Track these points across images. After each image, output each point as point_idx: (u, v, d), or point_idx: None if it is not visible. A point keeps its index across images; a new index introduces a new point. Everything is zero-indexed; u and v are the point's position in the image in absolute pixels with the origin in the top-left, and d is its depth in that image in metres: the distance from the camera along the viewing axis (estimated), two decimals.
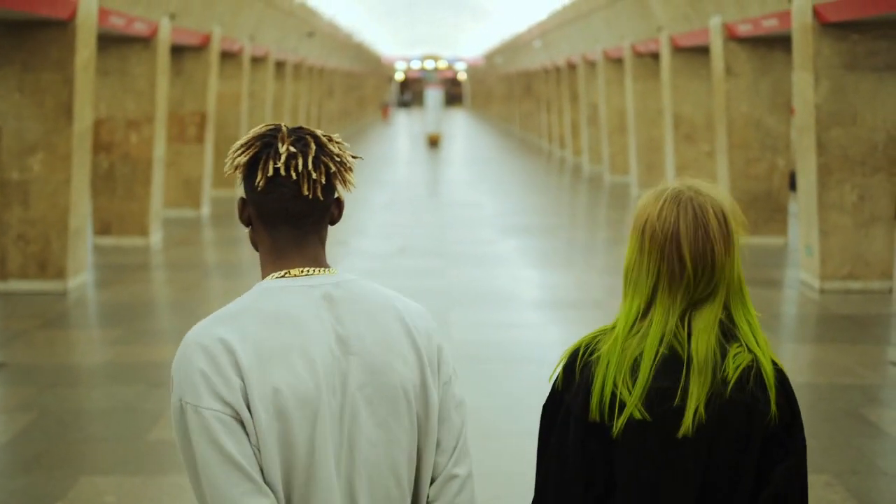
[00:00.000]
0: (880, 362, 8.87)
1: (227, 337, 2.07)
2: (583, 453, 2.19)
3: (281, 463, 2.05)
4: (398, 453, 2.14)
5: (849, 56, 11.59)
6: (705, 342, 2.15)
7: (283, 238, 2.15)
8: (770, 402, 2.17)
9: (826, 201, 11.74)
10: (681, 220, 2.19)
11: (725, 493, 2.16)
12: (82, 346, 9.59)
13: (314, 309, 2.11)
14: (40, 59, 11.38)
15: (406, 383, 2.15)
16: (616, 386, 2.15)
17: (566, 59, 32.06)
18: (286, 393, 2.04)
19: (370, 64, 66.47)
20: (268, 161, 2.08)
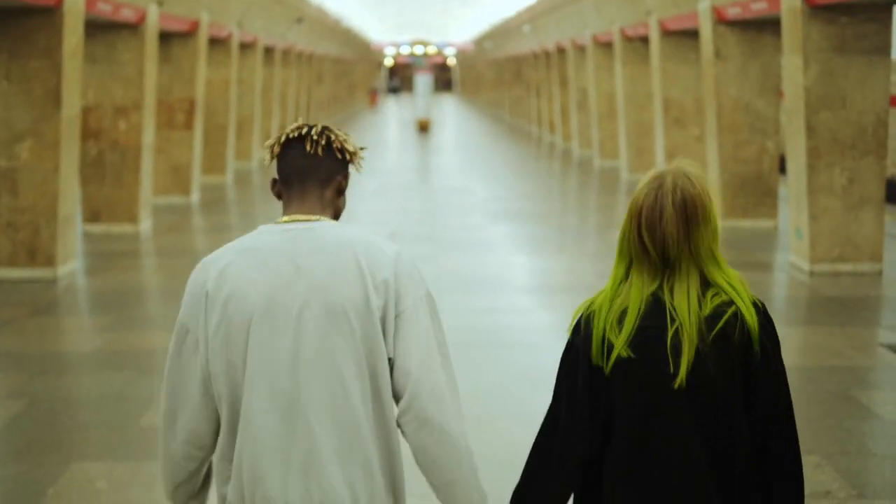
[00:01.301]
0: (870, 344, 8.90)
1: (208, 265, 2.66)
2: (589, 387, 2.57)
3: (225, 363, 2.58)
4: (340, 359, 2.55)
5: (838, 39, 11.59)
6: (685, 305, 2.50)
7: (292, 193, 2.71)
8: (754, 343, 2.51)
9: (815, 184, 11.76)
10: (644, 203, 2.57)
11: (717, 418, 2.50)
12: (72, 333, 9.58)
13: (280, 244, 2.61)
14: (28, 46, 11.34)
15: (346, 303, 2.56)
16: (605, 332, 2.55)
17: (556, 44, 32.03)
18: (231, 309, 2.57)
19: (359, 50, 66.33)
20: (285, 135, 2.72)
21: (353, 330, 2.56)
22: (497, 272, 11.96)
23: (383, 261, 2.63)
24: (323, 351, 2.55)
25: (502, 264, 12.50)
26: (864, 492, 5.71)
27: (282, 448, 2.55)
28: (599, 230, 15.78)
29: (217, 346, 2.59)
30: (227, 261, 2.63)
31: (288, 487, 2.55)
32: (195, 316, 2.63)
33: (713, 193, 11.25)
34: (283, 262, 2.59)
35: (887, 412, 7.09)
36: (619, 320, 2.55)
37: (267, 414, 2.55)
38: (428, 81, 41.60)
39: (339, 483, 2.55)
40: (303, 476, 2.55)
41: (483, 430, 6.69)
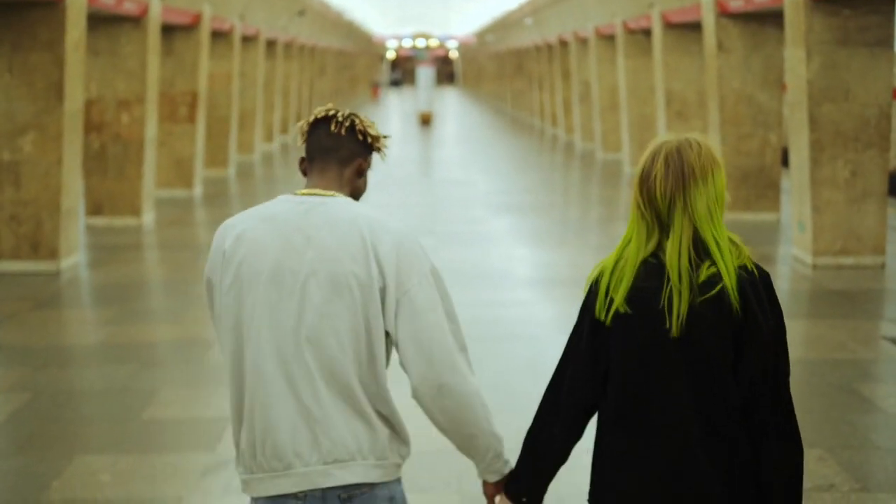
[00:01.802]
0: (873, 337, 8.90)
1: (229, 227, 2.89)
2: (592, 340, 2.78)
3: (234, 318, 2.82)
4: (339, 323, 2.77)
5: (840, 31, 11.57)
6: (675, 254, 2.67)
7: (314, 169, 2.94)
8: (733, 301, 2.65)
9: (818, 177, 11.75)
10: (644, 165, 2.77)
11: (708, 375, 2.67)
12: (75, 326, 9.59)
13: (294, 215, 2.83)
14: (30, 39, 11.34)
15: (349, 275, 2.77)
16: (609, 289, 2.73)
17: (558, 37, 31.99)
18: (244, 270, 2.80)
19: (361, 43, 66.31)
20: (314, 115, 2.94)
21: (354, 299, 2.78)
22: (499, 265, 11.96)
23: (387, 239, 2.81)
24: (325, 316, 2.77)
25: (504, 257, 12.50)
26: (867, 485, 5.72)
27: (289, 402, 2.77)
28: (602, 223, 15.77)
29: (229, 302, 2.84)
30: (245, 226, 2.85)
31: (296, 438, 2.77)
32: (215, 272, 2.89)
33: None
34: (295, 231, 2.81)
35: (890, 405, 7.09)
36: (620, 278, 2.73)
37: (274, 370, 2.78)
38: (430, 74, 41.57)
39: (345, 433, 2.78)
40: (308, 427, 2.77)
41: None
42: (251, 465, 2.83)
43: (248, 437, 2.83)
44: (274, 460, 2.79)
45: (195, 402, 7.18)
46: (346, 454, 2.79)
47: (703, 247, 2.70)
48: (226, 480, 5.78)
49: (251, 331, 2.80)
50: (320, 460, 2.78)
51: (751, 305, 2.67)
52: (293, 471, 2.78)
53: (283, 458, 2.78)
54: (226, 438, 6.39)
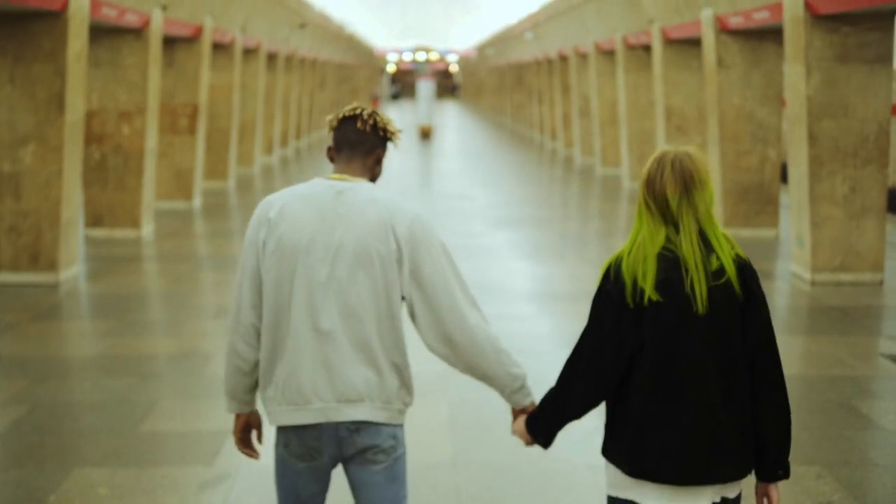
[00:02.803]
0: (871, 354, 8.90)
1: (273, 201, 3.46)
2: (618, 325, 3.21)
3: (276, 278, 3.38)
4: (361, 288, 3.35)
5: (840, 48, 11.61)
6: (690, 248, 3.20)
7: (341, 158, 3.53)
8: (735, 286, 3.22)
9: (817, 193, 11.77)
10: (650, 171, 3.27)
11: (724, 342, 3.20)
12: (74, 338, 9.59)
13: (327, 196, 3.42)
14: (32, 50, 11.36)
15: (371, 249, 3.36)
16: (636, 280, 3.19)
17: (558, 51, 32.05)
18: (291, 237, 3.37)
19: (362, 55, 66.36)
20: (346, 110, 3.54)
21: (375, 268, 3.36)
22: (498, 279, 11.97)
23: (403, 219, 3.41)
24: (349, 280, 3.35)
25: (504, 271, 12.51)
26: (865, 502, 5.72)
27: (313, 350, 3.35)
28: (601, 237, 15.78)
29: (271, 263, 3.39)
30: (287, 201, 3.43)
31: (316, 380, 3.35)
32: (257, 235, 3.43)
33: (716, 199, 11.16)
34: (328, 210, 3.39)
35: (889, 422, 7.09)
36: (645, 271, 3.20)
37: (304, 322, 3.35)
38: (430, 87, 41.62)
39: (356, 378, 3.35)
40: (327, 372, 3.35)
41: (484, 437, 6.69)
42: (279, 398, 3.40)
43: (276, 385, 3.40)
44: (297, 396, 3.36)
45: (194, 414, 7.18)
46: (355, 395, 3.36)
47: (706, 241, 3.24)
48: (223, 494, 5.77)
49: (289, 288, 3.37)
50: (334, 398, 3.35)
51: (750, 287, 3.25)
52: (311, 406, 3.36)
53: (304, 395, 3.36)
54: (224, 452, 6.39)
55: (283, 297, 3.38)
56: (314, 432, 3.38)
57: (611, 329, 3.23)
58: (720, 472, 3.23)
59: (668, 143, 18.32)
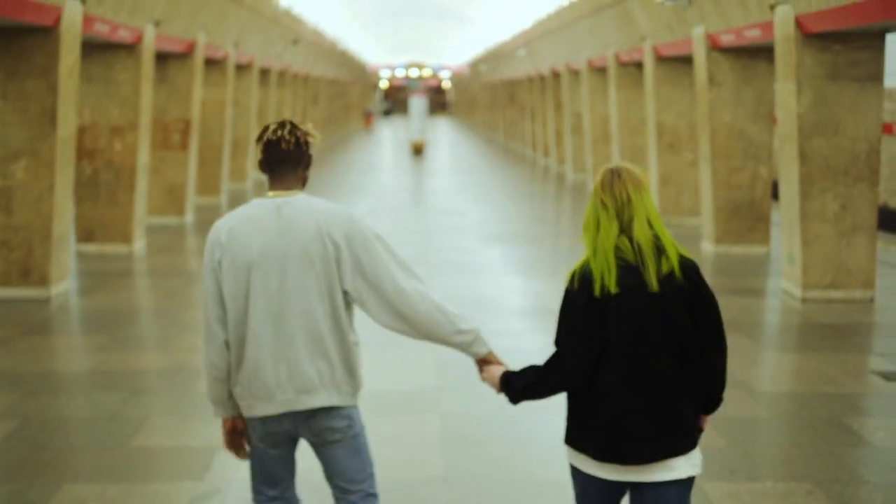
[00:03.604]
0: (862, 371, 8.91)
1: (221, 226, 3.91)
2: (585, 327, 3.66)
3: (233, 292, 3.85)
4: (309, 290, 3.84)
5: (831, 66, 11.66)
6: (645, 237, 3.68)
7: (274, 175, 3.95)
8: (682, 283, 3.70)
9: (808, 210, 11.80)
10: (603, 180, 3.78)
11: (675, 324, 3.67)
12: (65, 353, 9.57)
13: (268, 214, 3.87)
14: (25, 65, 11.37)
15: (313, 254, 3.83)
16: (603, 276, 3.66)
17: (550, 68, 32.13)
18: (242, 255, 3.84)
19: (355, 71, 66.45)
20: (265, 135, 3.94)
21: (318, 271, 3.84)
22: (490, 295, 11.97)
23: (337, 222, 3.87)
24: (299, 285, 3.83)
25: (495, 287, 12.52)
26: None
27: (273, 349, 3.83)
28: None
29: (228, 279, 3.86)
30: (234, 224, 3.89)
31: (277, 374, 3.83)
32: (212, 257, 3.88)
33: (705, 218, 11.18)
34: (272, 226, 3.85)
35: (879, 439, 7.10)
36: (609, 269, 3.67)
37: (264, 325, 3.83)
38: (423, 104, 41.69)
39: (311, 371, 3.84)
40: (286, 367, 3.83)
41: (477, 452, 6.69)
42: (247, 395, 3.88)
43: (243, 382, 3.87)
44: (262, 391, 3.85)
45: (184, 430, 7.17)
46: (311, 386, 3.84)
47: (658, 241, 3.71)
48: None
49: (245, 300, 3.85)
50: (293, 390, 3.83)
51: (695, 283, 3.73)
52: (276, 398, 3.84)
53: (268, 389, 3.84)
54: (214, 467, 6.38)
55: (241, 307, 3.86)
56: (278, 420, 3.88)
57: (581, 332, 3.69)
58: (676, 447, 3.68)
59: (660, 162, 18.39)
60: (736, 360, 9.19)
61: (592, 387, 3.70)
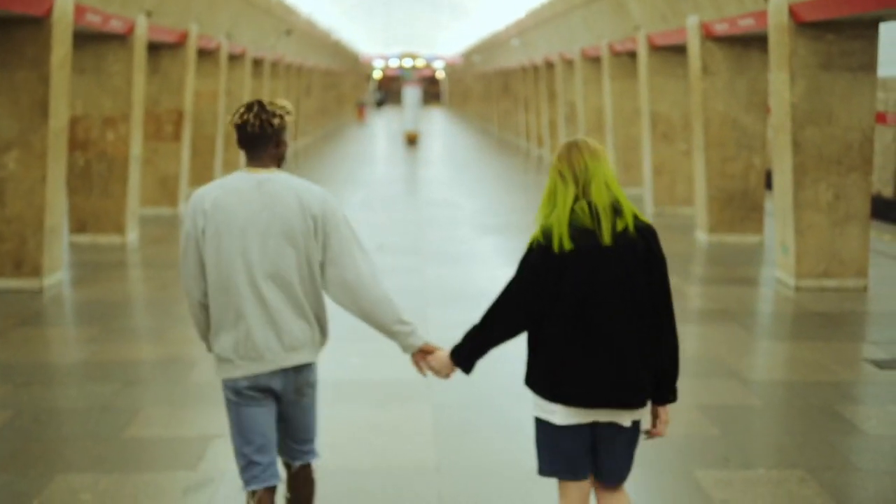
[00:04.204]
0: (855, 359, 8.93)
1: (204, 194, 4.20)
2: (538, 277, 3.98)
3: (216, 259, 4.14)
4: (289, 260, 4.16)
5: (824, 56, 11.65)
6: (602, 198, 3.97)
7: (250, 154, 4.24)
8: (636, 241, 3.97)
9: (801, 200, 11.81)
10: (562, 151, 4.07)
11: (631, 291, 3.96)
12: (58, 344, 9.56)
13: (250, 186, 4.17)
14: (16, 56, 11.33)
15: (294, 228, 4.15)
16: (561, 235, 3.94)
17: (544, 58, 32.10)
18: (226, 224, 4.13)
19: (348, 62, 66.34)
20: (233, 118, 4.20)
21: (297, 243, 4.15)
22: (483, 285, 11.97)
23: (314, 200, 4.19)
24: (280, 255, 4.15)
25: (489, 277, 12.51)
26: None
27: (260, 314, 4.14)
28: None
29: (211, 246, 4.14)
30: (218, 194, 4.17)
31: (266, 336, 4.16)
32: (195, 224, 4.16)
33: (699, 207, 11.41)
34: (255, 199, 4.15)
35: (871, 427, 7.11)
36: (561, 226, 3.95)
37: (249, 293, 4.14)
38: (416, 94, 41.64)
39: (296, 330, 4.20)
40: (273, 329, 4.16)
41: (469, 443, 6.69)
42: (234, 357, 4.18)
43: (231, 339, 4.18)
44: (253, 352, 4.16)
45: (177, 421, 7.16)
46: (297, 344, 4.21)
47: (616, 203, 3.98)
48: (207, 499, 5.76)
49: (230, 268, 4.13)
50: (282, 349, 4.18)
51: (649, 242, 3.99)
52: (266, 357, 4.17)
53: (258, 350, 4.16)
54: (207, 457, 6.38)
55: (223, 274, 4.14)
56: (268, 376, 4.21)
57: (533, 279, 3.98)
58: (624, 398, 3.97)
59: (654, 151, 18.39)
60: (729, 348, 9.21)
61: (546, 334, 4.00)
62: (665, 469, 6.30)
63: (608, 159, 4.04)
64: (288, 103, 4.30)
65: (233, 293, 4.14)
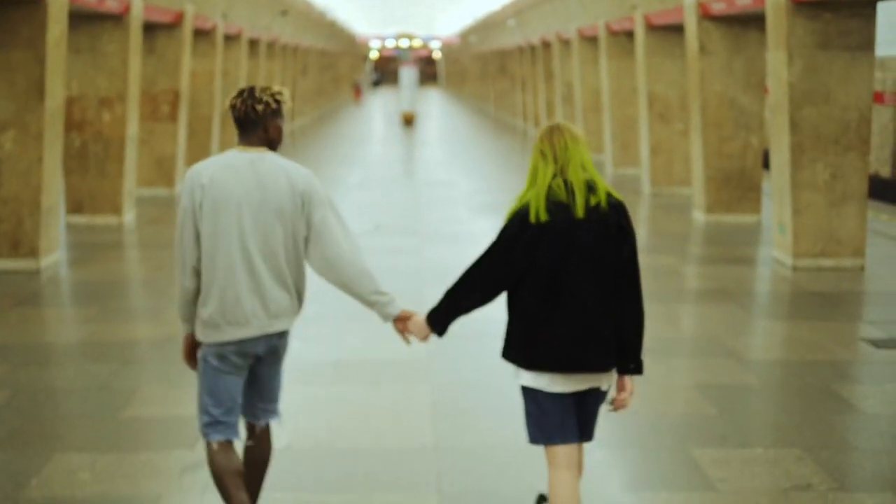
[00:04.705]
0: (852, 339, 8.94)
1: (201, 170, 4.49)
2: (514, 247, 4.26)
3: (211, 230, 4.44)
4: (277, 234, 4.48)
5: (822, 35, 11.63)
6: (578, 178, 4.28)
7: (244, 134, 4.55)
8: (609, 215, 4.28)
9: (799, 180, 11.80)
10: (544, 133, 4.37)
11: (601, 263, 4.25)
12: (55, 324, 9.56)
13: (244, 164, 4.48)
14: (11, 36, 11.29)
15: (284, 206, 4.47)
16: (537, 207, 4.25)
17: (541, 38, 32.04)
18: (222, 198, 4.43)
19: (344, 42, 66.19)
20: (230, 100, 4.55)
21: (286, 220, 4.48)
22: None
23: (301, 180, 4.52)
24: (269, 230, 4.47)
25: None
26: (844, 484, 5.75)
27: (248, 282, 4.46)
28: None
29: (208, 219, 4.43)
30: (214, 170, 4.47)
31: (253, 304, 4.48)
32: (192, 198, 4.45)
33: (696, 187, 11.54)
34: (249, 177, 4.47)
35: (868, 406, 7.13)
36: (538, 199, 4.27)
37: (238, 263, 4.45)
38: (413, 74, 41.56)
39: (280, 299, 4.52)
40: (259, 297, 4.48)
41: (467, 422, 6.70)
42: (221, 322, 4.47)
43: (217, 307, 4.47)
44: (240, 318, 4.47)
45: (175, 400, 7.17)
46: (280, 311, 4.53)
47: (590, 183, 4.29)
48: (205, 478, 5.76)
49: (224, 239, 4.43)
50: (267, 316, 4.50)
51: (620, 219, 4.28)
52: (251, 323, 4.48)
53: (245, 315, 4.47)
54: None
55: (218, 244, 4.44)
56: (253, 342, 4.51)
57: (508, 248, 4.26)
58: (594, 363, 4.26)
59: (651, 132, 18.37)
60: (726, 328, 9.22)
61: (521, 302, 4.31)
62: (662, 448, 6.32)
63: (586, 144, 4.35)
64: (284, 90, 4.58)
65: (225, 263, 4.43)
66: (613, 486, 5.75)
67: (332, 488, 5.67)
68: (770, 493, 5.62)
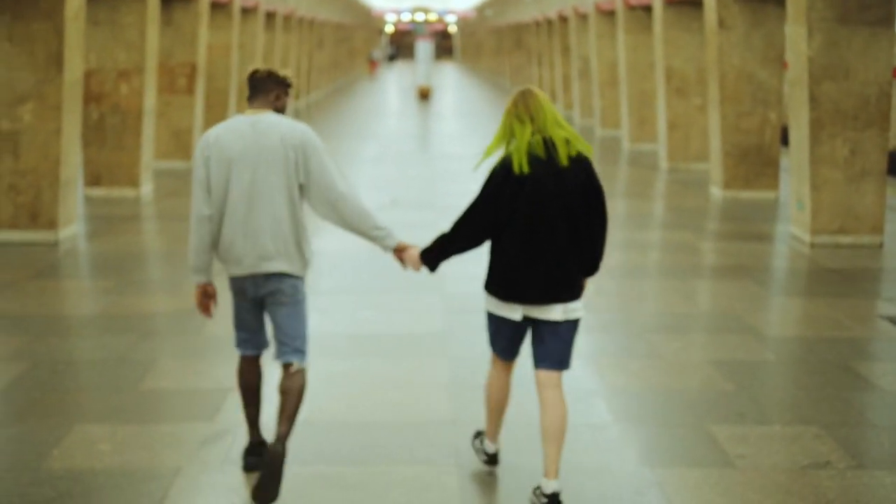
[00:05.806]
0: (870, 316, 8.92)
1: (210, 134, 5.14)
2: (497, 196, 4.91)
3: (217, 181, 5.10)
4: (274, 184, 5.08)
5: (842, 9, 11.55)
6: (555, 133, 4.91)
7: (254, 99, 5.21)
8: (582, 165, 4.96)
9: (818, 155, 11.75)
10: (517, 97, 4.98)
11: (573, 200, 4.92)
12: (73, 296, 9.59)
13: (247, 126, 5.11)
14: (31, 8, 11.29)
15: (279, 157, 5.06)
16: (520, 160, 4.87)
17: (557, 12, 31.89)
18: (225, 154, 5.07)
19: (360, 16, 66.00)
20: (250, 74, 5.23)
21: (281, 171, 5.07)
22: None
23: (296, 135, 5.10)
24: (266, 180, 5.07)
25: None
26: (863, 462, 5.75)
27: (243, 227, 5.08)
28: None
29: (214, 171, 5.09)
30: (220, 132, 5.12)
31: (245, 247, 5.09)
32: (203, 155, 5.10)
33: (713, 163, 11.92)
34: (249, 135, 5.08)
35: (887, 383, 7.12)
36: (520, 153, 4.88)
37: (238, 209, 5.07)
38: (428, 48, 41.44)
39: (268, 244, 5.09)
40: (251, 240, 5.08)
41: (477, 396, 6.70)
42: (224, 258, 5.14)
43: (220, 245, 5.13)
44: (234, 257, 5.11)
45: (193, 372, 7.20)
46: (268, 255, 5.08)
47: (567, 138, 4.91)
48: (224, 450, 5.80)
49: (226, 187, 5.07)
50: (256, 258, 5.08)
51: (590, 172, 4.95)
52: (243, 263, 5.10)
53: (238, 256, 5.10)
54: (224, 409, 6.41)
55: (222, 193, 5.08)
56: (244, 279, 5.16)
57: (492, 198, 4.91)
58: (565, 294, 4.95)
59: (668, 107, 18.29)
60: (744, 304, 9.21)
61: (502, 245, 4.95)
62: (679, 424, 6.32)
63: (553, 105, 4.98)
64: (289, 73, 5.36)
65: (228, 210, 5.08)
66: (630, 462, 5.75)
67: (350, 462, 5.69)
68: (788, 470, 5.63)
